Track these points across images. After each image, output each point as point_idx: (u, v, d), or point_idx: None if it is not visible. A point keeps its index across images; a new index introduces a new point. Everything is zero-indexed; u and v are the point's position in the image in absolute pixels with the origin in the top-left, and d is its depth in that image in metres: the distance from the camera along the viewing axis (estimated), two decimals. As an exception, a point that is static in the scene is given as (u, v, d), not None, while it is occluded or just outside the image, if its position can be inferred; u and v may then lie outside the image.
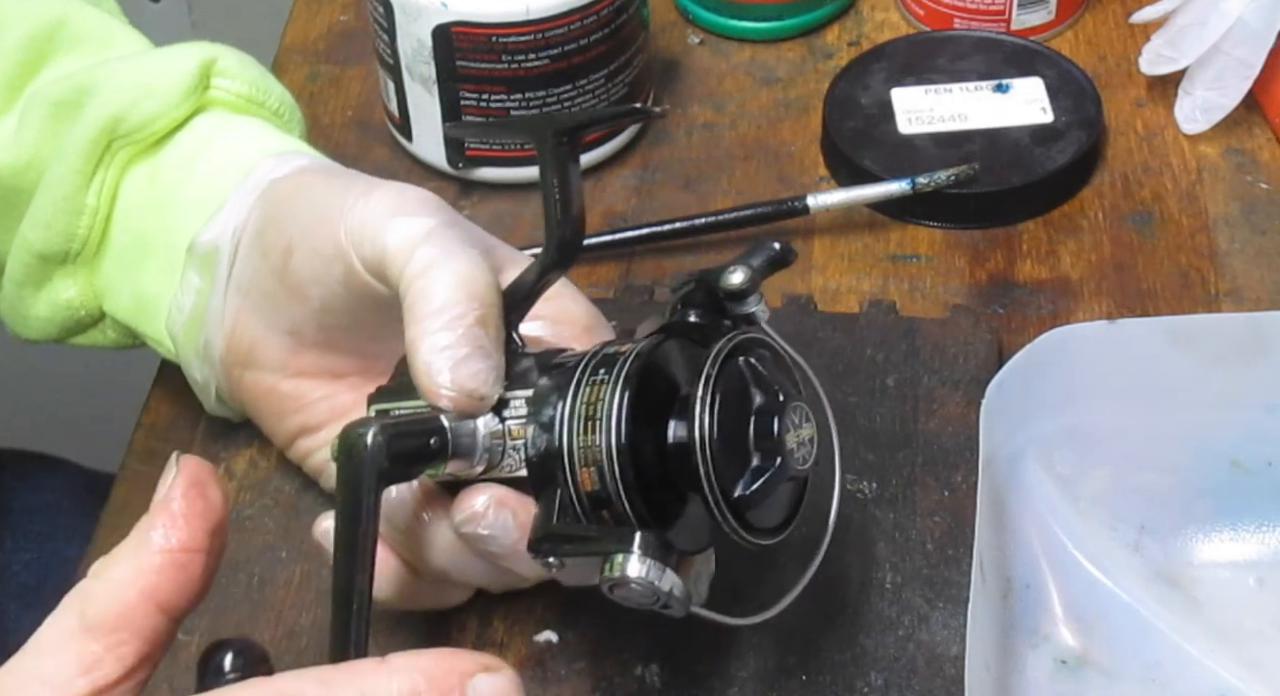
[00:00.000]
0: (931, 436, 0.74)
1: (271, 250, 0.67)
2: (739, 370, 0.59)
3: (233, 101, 0.75)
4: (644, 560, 0.57)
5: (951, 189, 0.84)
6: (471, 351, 0.60)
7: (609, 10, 0.84)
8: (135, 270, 0.74)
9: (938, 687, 0.66)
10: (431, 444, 0.60)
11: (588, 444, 0.59)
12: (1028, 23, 0.94)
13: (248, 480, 0.74)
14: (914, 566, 0.70)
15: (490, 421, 0.61)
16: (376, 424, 0.58)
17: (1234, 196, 0.87)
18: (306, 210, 0.66)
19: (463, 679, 0.51)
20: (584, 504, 0.59)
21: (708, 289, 0.62)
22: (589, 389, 0.59)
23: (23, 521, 0.96)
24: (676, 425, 0.59)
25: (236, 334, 0.70)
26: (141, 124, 0.73)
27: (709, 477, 0.58)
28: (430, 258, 0.62)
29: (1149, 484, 0.71)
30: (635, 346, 0.60)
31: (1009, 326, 0.81)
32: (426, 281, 0.61)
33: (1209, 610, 0.70)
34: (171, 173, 0.73)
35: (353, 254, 0.64)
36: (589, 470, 0.59)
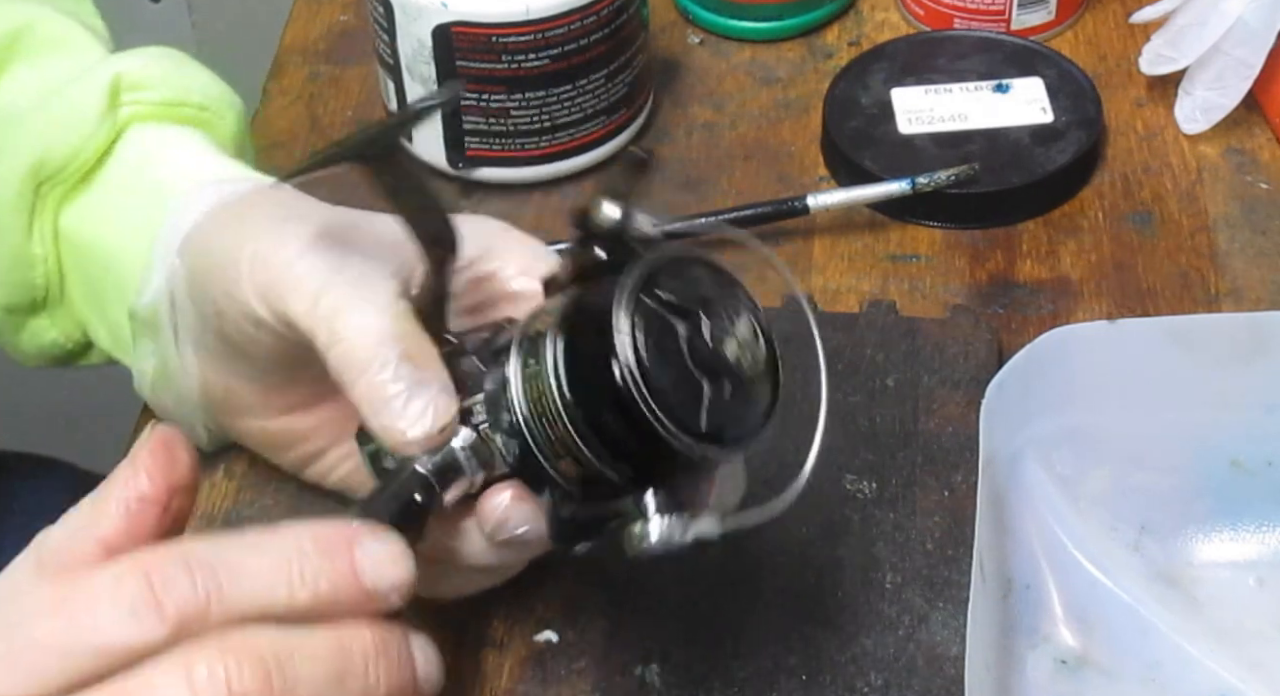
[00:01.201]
0: (931, 436, 0.74)
1: (206, 313, 0.66)
2: (650, 308, 0.57)
3: (152, 112, 0.73)
4: (660, 522, 0.57)
5: (951, 189, 0.84)
6: (410, 392, 0.60)
7: (609, 10, 0.84)
8: (100, 307, 0.73)
9: (938, 687, 0.66)
10: (419, 499, 0.60)
11: (552, 437, 0.58)
12: (1028, 23, 0.94)
13: (248, 480, 0.74)
14: (914, 566, 0.70)
15: (466, 436, 0.61)
16: (356, 512, 0.58)
17: (1234, 196, 0.87)
18: (215, 272, 0.65)
19: (350, 542, 0.53)
20: (578, 488, 0.59)
21: (587, 230, 0.59)
22: (528, 385, 0.59)
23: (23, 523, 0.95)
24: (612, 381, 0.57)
25: (211, 388, 0.69)
26: (64, 162, 0.72)
27: (665, 425, 0.56)
28: (329, 319, 0.61)
29: (1149, 484, 0.71)
30: (553, 318, 0.59)
31: (1009, 326, 0.81)
32: (338, 349, 0.61)
33: (1209, 610, 0.70)
34: (98, 212, 0.72)
35: (269, 318, 0.63)
36: (565, 461, 0.59)
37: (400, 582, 0.54)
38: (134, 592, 0.50)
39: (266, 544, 0.52)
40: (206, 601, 0.50)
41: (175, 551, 0.51)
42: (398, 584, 0.54)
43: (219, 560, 0.51)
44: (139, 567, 0.50)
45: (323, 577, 0.52)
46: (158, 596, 0.50)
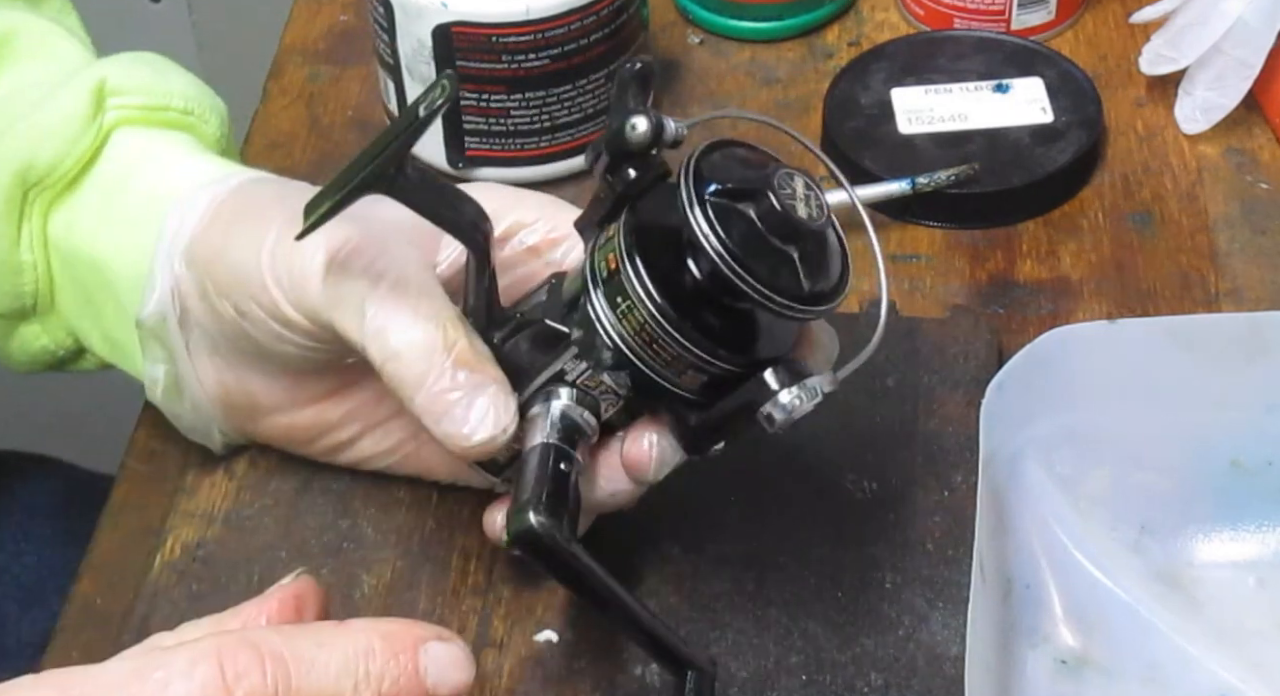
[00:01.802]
0: (931, 436, 0.74)
1: (223, 317, 0.67)
2: (717, 203, 0.59)
3: (137, 116, 0.73)
4: (789, 393, 0.59)
5: (951, 189, 0.84)
6: (468, 397, 0.61)
7: (609, 10, 0.84)
8: (94, 313, 0.73)
9: (938, 687, 0.66)
10: (563, 468, 0.62)
11: (668, 358, 0.60)
12: (1028, 23, 0.94)
13: (248, 480, 0.74)
14: (914, 566, 0.70)
15: (568, 395, 0.63)
16: (529, 511, 0.59)
17: (1234, 196, 0.87)
18: (235, 277, 0.65)
19: (417, 643, 0.53)
20: (703, 397, 0.61)
21: (623, 153, 0.61)
22: (623, 319, 0.61)
23: (23, 523, 0.96)
24: (711, 275, 0.59)
25: (231, 393, 0.70)
26: (49, 168, 0.71)
27: (783, 304, 0.59)
28: (379, 336, 0.62)
29: (1149, 484, 0.71)
30: (619, 250, 0.60)
31: (1009, 326, 0.81)
32: (393, 366, 0.62)
33: (1209, 610, 0.70)
34: (90, 218, 0.72)
35: (304, 322, 0.64)
36: (686, 375, 0.61)
37: (462, 685, 0.54)
38: (206, 678, 0.50)
39: (336, 639, 0.53)
40: (274, 694, 0.51)
41: (249, 640, 0.52)
42: (460, 687, 0.54)
43: (290, 653, 0.52)
44: (214, 653, 0.51)
45: (387, 678, 0.53)
46: (229, 684, 0.50)
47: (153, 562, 0.72)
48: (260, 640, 0.52)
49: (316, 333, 0.64)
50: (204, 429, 0.72)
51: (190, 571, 0.71)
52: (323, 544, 0.72)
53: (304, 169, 0.90)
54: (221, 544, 0.72)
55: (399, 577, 0.71)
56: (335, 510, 0.73)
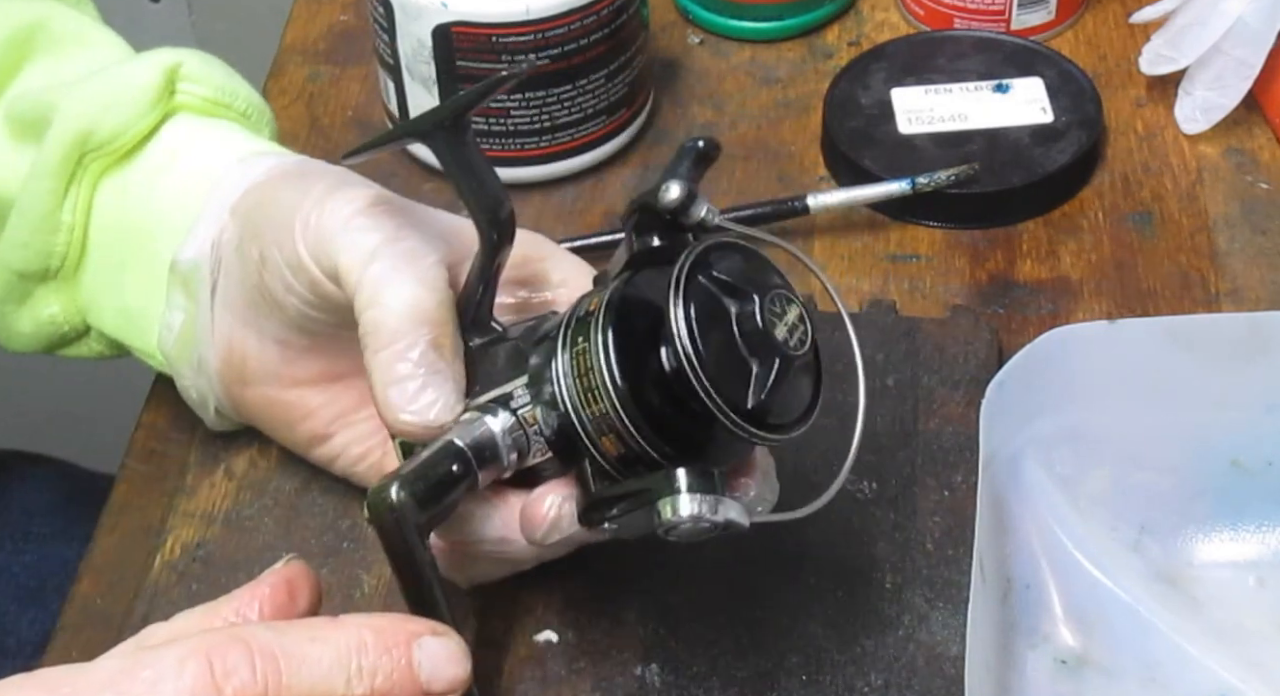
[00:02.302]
0: (931, 436, 0.74)
1: (248, 262, 0.67)
2: (704, 286, 0.58)
3: (200, 106, 0.75)
4: (692, 497, 0.57)
5: (951, 189, 0.84)
6: (426, 378, 0.61)
7: (609, 10, 0.84)
8: (118, 283, 0.74)
9: (938, 687, 0.66)
10: (455, 470, 0.61)
11: (596, 414, 0.59)
12: (1028, 23, 0.94)
13: (248, 480, 0.74)
14: (914, 566, 0.70)
15: (504, 420, 0.62)
16: (396, 482, 0.59)
17: (1234, 196, 0.87)
18: (270, 221, 0.66)
19: (411, 637, 0.53)
20: (616, 467, 0.60)
21: (652, 212, 0.61)
22: (577, 360, 0.59)
23: (22, 522, 0.96)
24: (667, 356, 0.58)
25: (231, 350, 0.70)
26: (111, 136, 0.72)
27: (715, 401, 0.57)
28: (376, 282, 0.62)
29: (1149, 484, 0.71)
30: (603, 298, 0.60)
31: (1009, 326, 0.81)
32: (375, 312, 0.62)
33: (1209, 610, 0.70)
34: (142, 186, 0.73)
35: (313, 266, 0.64)
36: (608, 438, 0.59)
37: (458, 681, 0.54)
38: (195, 675, 0.50)
39: (328, 634, 0.53)
40: (264, 691, 0.51)
41: (239, 637, 0.52)
42: (455, 683, 0.54)
43: (281, 649, 0.51)
44: (202, 651, 0.51)
45: (380, 673, 0.53)
46: (218, 682, 0.50)
47: (153, 562, 0.72)
48: (250, 636, 0.52)
49: (320, 286, 0.64)
50: (201, 396, 0.72)
51: (190, 571, 0.71)
52: (323, 544, 0.72)
53: (304, 169, 0.90)
54: (221, 544, 0.72)
55: (399, 577, 0.71)
56: (335, 510, 0.73)
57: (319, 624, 0.53)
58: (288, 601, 0.56)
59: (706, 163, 0.62)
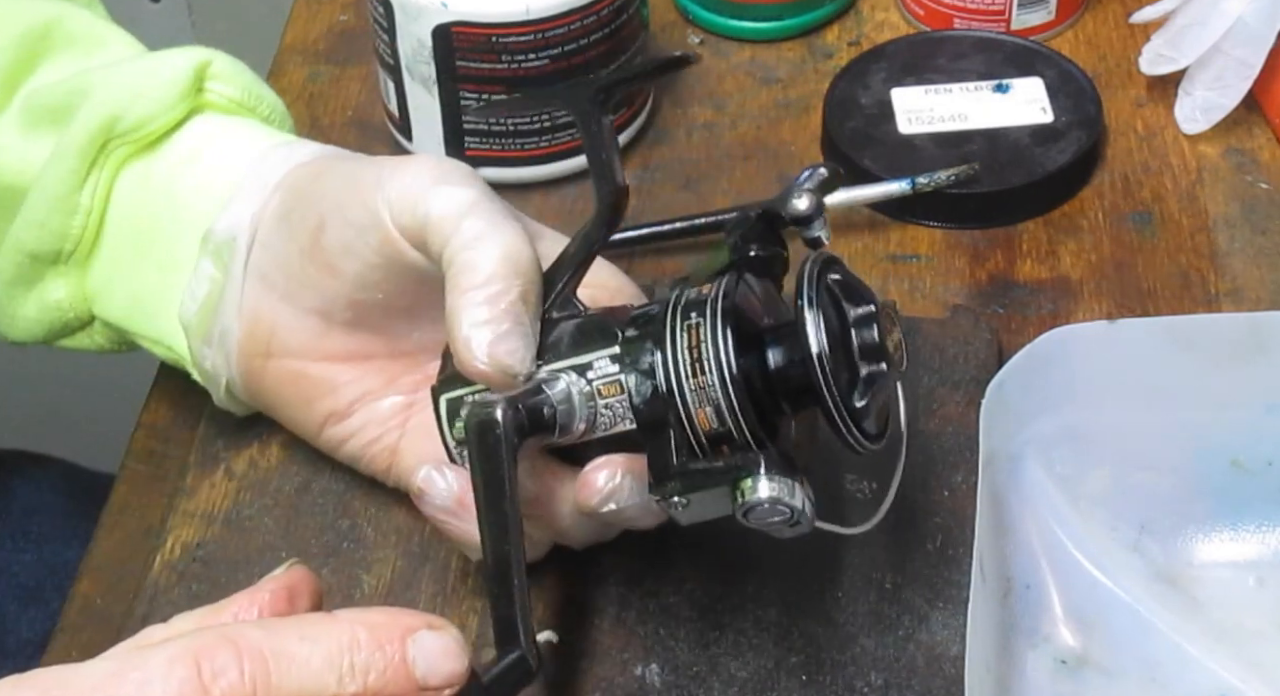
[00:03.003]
0: (931, 436, 0.74)
1: (299, 230, 0.68)
2: (828, 286, 0.62)
3: (226, 106, 0.75)
4: (773, 479, 0.59)
5: (951, 189, 0.84)
6: (511, 327, 0.62)
7: (609, 10, 0.84)
8: (131, 269, 0.74)
9: (938, 687, 0.66)
10: (545, 415, 0.62)
11: (700, 385, 0.61)
12: (1028, 23, 0.94)
13: (248, 480, 0.74)
14: (914, 566, 0.70)
15: (579, 384, 0.63)
16: (503, 400, 0.60)
17: (1234, 196, 0.87)
18: (339, 183, 0.67)
19: (405, 633, 0.53)
20: (703, 443, 0.61)
21: (768, 222, 0.64)
22: (685, 334, 0.61)
23: (22, 522, 0.96)
24: (783, 350, 0.61)
25: (259, 321, 0.70)
26: (138, 124, 0.73)
27: (831, 393, 0.60)
28: (476, 230, 0.63)
29: (1149, 484, 0.71)
30: (716, 286, 0.62)
31: (1009, 326, 0.81)
32: (472, 254, 0.63)
33: (1209, 610, 0.70)
34: (164, 177, 0.74)
35: (390, 223, 0.65)
36: (704, 410, 0.61)
37: (454, 676, 0.53)
38: (183, 677, 0.50)
39: (320, 632, 0.52)
40: (253, 691, 0.50)
41: (228, 637, 0.51)
42: (451, 678, 0.53)
43: (271, 649, 0.51)
44: (190, 653, 0.51)
45: (373, 670, 0.52)
46: (205, 684, 0.50)
47: (153, 562, 0.72)
48: (239, 636, 0.51)
49: (392, 244, 0.65)
50: (215, 370, 0.72)
51: (190, 571, 0.71)
52: (323, 544, 0.72)
53: (304, 169, 0.90)
54: (221, 544, 0.72)
55: (399, 577, 0.71)
56: (335, 510, 0.73)
57: (311, 621, 0.53)
58: (288, 607, 0.56)
59: (830, 187, 0.66)
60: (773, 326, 0.62)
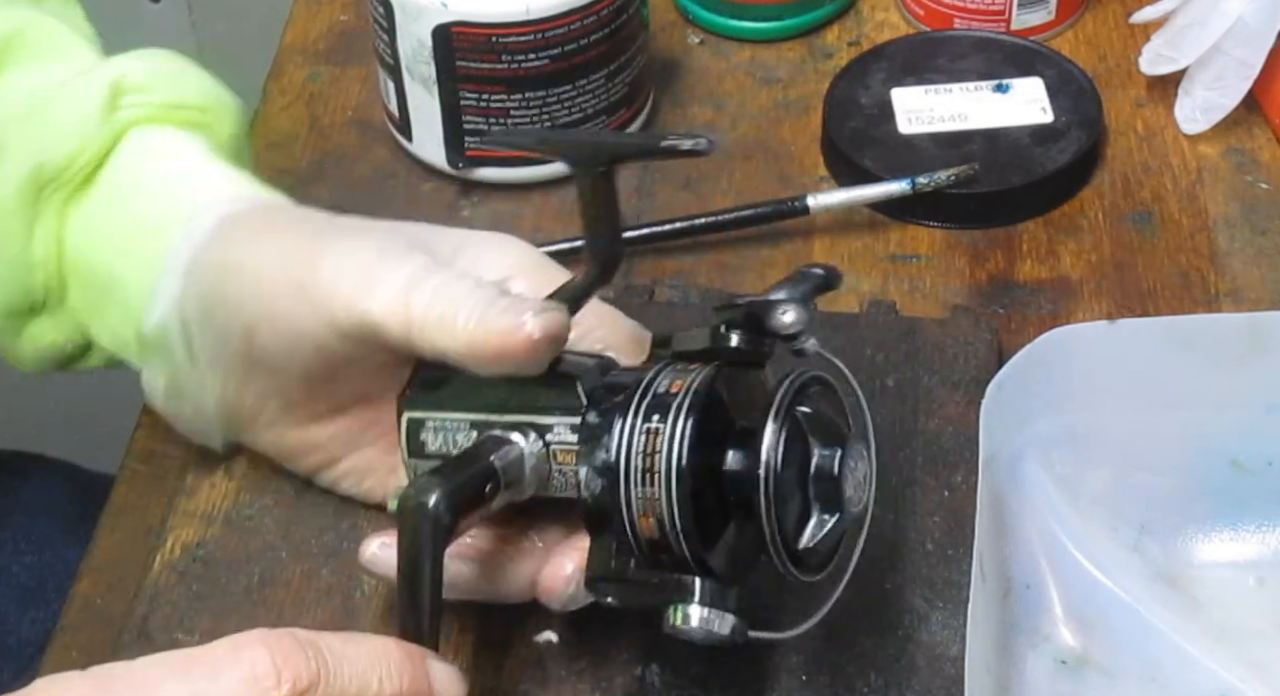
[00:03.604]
0: (931, 436, 0.74)
1: (229, 333, 0.67)
2: (797, 419, 0.60)
3: (152, 115, 0.73)
4: (704, 609, 0.59)
5: (951, 189, 0.84)
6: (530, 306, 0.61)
7: (609, 10, 0.84)
8: (103, 314, 0.73)
9: (938, 687, 0.66)
10: (486, 490, 0.61)
11: (646, 495, 0.59)
12: (1028, 23, 0.94)
13: (248, 480, 0.74)
14: (914, 566, 0.70)
15: (535, 446, 0.62)
16: (435, 487, 0.59)
17: (1234, 196, 0.87)
18: (255, 291, 0.65)
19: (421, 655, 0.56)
20: (642, 549, 0.60)
21: (754, 320, 0.61)
22: (644, 437, 0.60)
23: (23, 523, 0.96)
24: (738, 462, 0.59)
25: (226, 403, 0.70)
26: (64, 163, 0.71)
27: (773, 533, 0.58)
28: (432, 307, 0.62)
29: (1149, 484, 0.71)
30: (687, 384, 0.60)
31: (1009, 326, 0.81)
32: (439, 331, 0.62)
33: (1209, 610, 0.70)
34: (106, 218, 0.72)
35: (327, 329, 0.64)
36: (648, 519, 0.60)
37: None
38: (255, 661, 0.52)
39: (357, 638, 0.55)
40: (318, 677, 0.53)
41: (286, 632, 0.53)
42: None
43: (324, 644, 0.53)
44: (258, 641, 0.53)
45: (405, 676, 0.55)
46: (278, 667, 0.52)
47: (153, 562, 0.72)
48: (294, 632, 0.53)
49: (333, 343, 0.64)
50: (205, 429, 0.72)
51: (190, 571, 0.71)
52: (323, 544, 0.72)
53: (304, 169, 0.90)
54: (221, 544, 0.72)
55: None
56: (335, 510, 0.73)
57: (345, 633, 0.55)
58: None
59: (825, 291, 0.62)
60: (739, 430, 0.60)
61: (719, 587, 0.60)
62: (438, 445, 0.65)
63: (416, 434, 0.65)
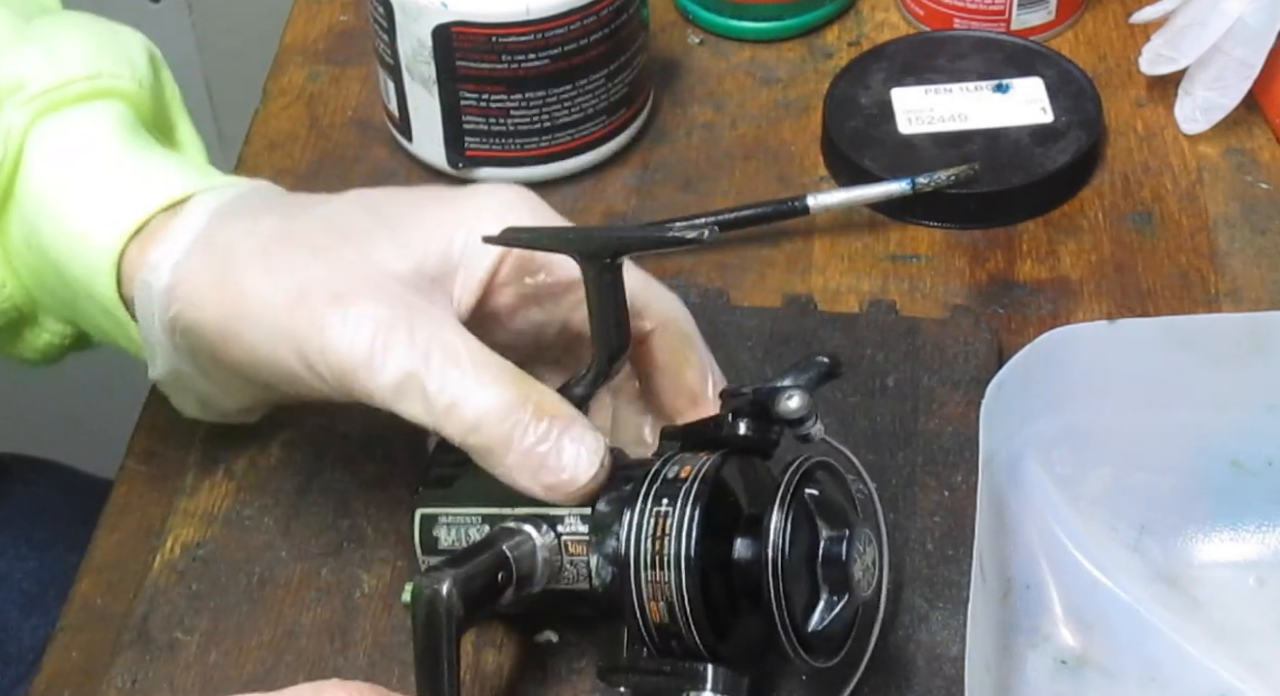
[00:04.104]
0: (931, 436, 0.74)
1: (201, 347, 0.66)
2: (804, 503, 0.60)
3: (42, 105, 0.69)
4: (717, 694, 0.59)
5: (951, 189, 0.84)
6: (557, 445, 0.61)
7: (609, 10, 0.84)
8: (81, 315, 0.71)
9: (938, 687, 0.66)
10: (499, 579, 0.61)
11: (656, 580, 0.60)
12: (1028, 23, 0.94)
13: (247, 480, 0.74)
14: (914, 566, 0.70)
15: (548, 539, 0.62)
16: (449, 577, 0.59)
17: (1234, 196, 0.87)
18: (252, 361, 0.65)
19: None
20: (652, 635, 0.61)
21: (760, 407, 0.62)
22: (653, 521, 0.60)
23: (25, 528, 0.96)
24: (745, 548, 0.60)
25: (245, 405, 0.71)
26: None
27: (783, 618, 0.59)
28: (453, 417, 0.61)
29: (1149, 484, 0.71)
30: (695, 470, 0.61)
31: (1009, 326, 0.81)
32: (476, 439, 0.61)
33: (1209, 610, 0.70)
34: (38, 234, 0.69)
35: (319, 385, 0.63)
36: (657, 604, 0.60)
37: None
38: None
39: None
40: None
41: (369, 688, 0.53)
42: None
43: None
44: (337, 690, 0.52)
45: None
46: None
47: (153, 562, 0.72)
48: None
49: None
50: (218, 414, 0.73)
51: (190, 571, 0.71)
52: (323, 544, 0.72)
53: (304, 169, 0.90)
54: (221, 544, 0.72)
55: (399, 577, 0.71)
56: (335, 510, 0.73)
57: None
58: None
59: (829, 379, 0.64)
60: (746, 517, 0.61)
61: (732, 675, 0.60)
62: (451, 540, 0.65)
63: (430, 529, 0.65)
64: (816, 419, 0.62)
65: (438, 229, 0.65)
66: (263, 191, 0.70)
